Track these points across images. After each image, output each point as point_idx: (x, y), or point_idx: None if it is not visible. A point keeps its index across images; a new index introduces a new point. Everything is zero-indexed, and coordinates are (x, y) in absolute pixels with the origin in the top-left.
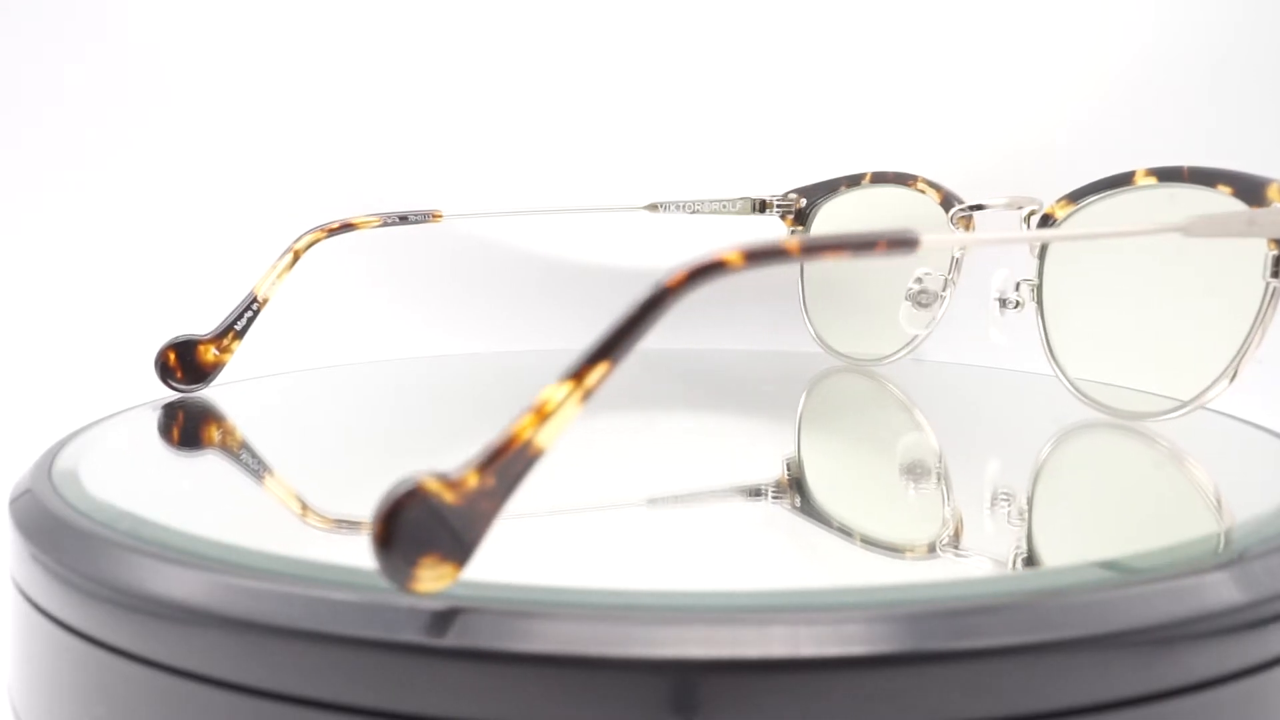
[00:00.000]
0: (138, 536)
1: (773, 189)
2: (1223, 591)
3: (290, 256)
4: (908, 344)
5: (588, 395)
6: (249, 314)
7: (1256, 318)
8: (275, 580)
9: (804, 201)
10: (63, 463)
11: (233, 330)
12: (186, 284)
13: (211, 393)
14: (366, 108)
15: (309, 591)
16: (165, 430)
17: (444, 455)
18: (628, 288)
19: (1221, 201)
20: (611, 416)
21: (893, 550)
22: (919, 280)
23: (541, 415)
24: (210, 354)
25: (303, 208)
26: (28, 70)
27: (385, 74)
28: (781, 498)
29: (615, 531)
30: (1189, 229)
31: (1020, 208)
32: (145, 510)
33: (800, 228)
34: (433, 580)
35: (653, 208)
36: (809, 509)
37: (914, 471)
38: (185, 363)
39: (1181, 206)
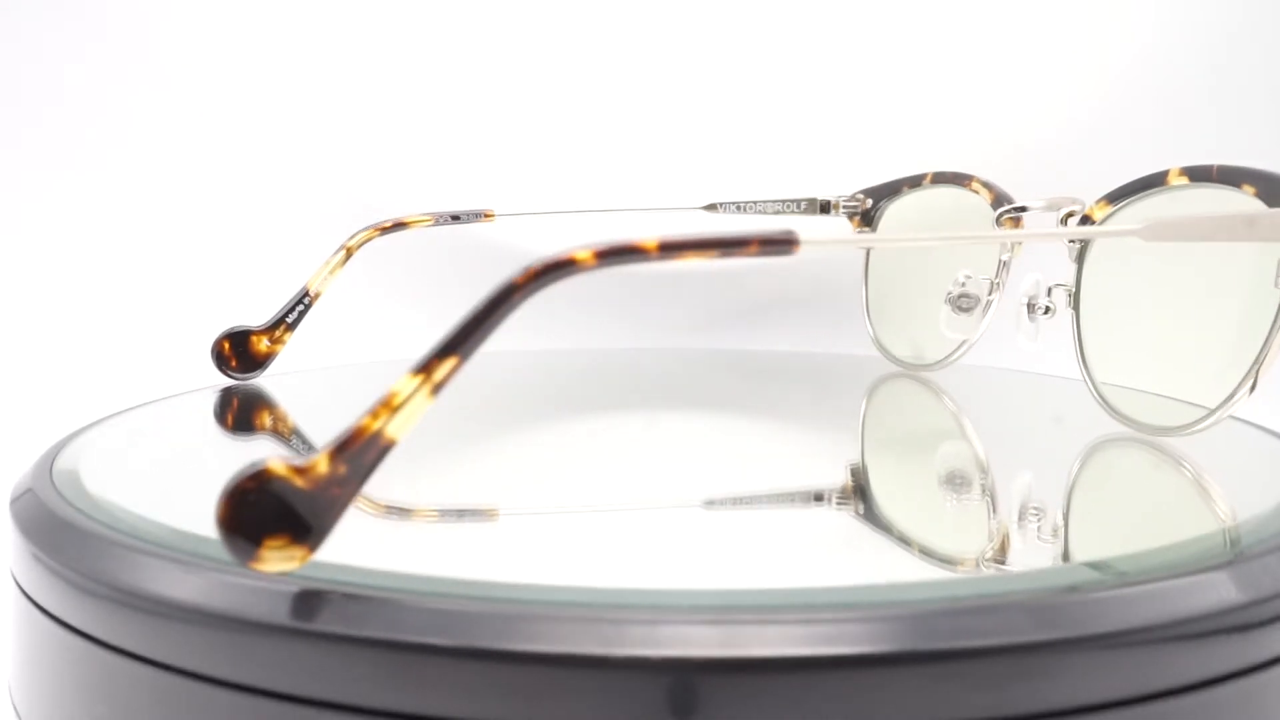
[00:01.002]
0: (138, 536)
1: (783, 190)
2: (1223, 591)
3: (343, 254)
4: (956, 349)
5: (437, 389)
6: (300, 307)
7: (1272, 327)
8: (275, 580)
9: (870, 202)
10: (63, 462)
11: (284, 323)
12: (186, 285)
13: (211, 393)
14: (416, 106)
15: (309, 592)
16: (167, 429)
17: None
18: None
19: (1245, 202)
20: (670, 417)
21: (946, 562)
22: (960, 284)
23: (391, 407)
24: (263, 344)
25: (317, 209)
26: (29, 66)
27: (437, 72)
28: (846, 503)
29: (670, 532)
30: (1145, 232)
31: (1059, 209)
32: (145, 510)
33: (867, 229)
34: (281, 561)
35: (711, 208)
36: (871, 516)
37: (955, 483)
38: (239, 352)
39: (1210, 207)
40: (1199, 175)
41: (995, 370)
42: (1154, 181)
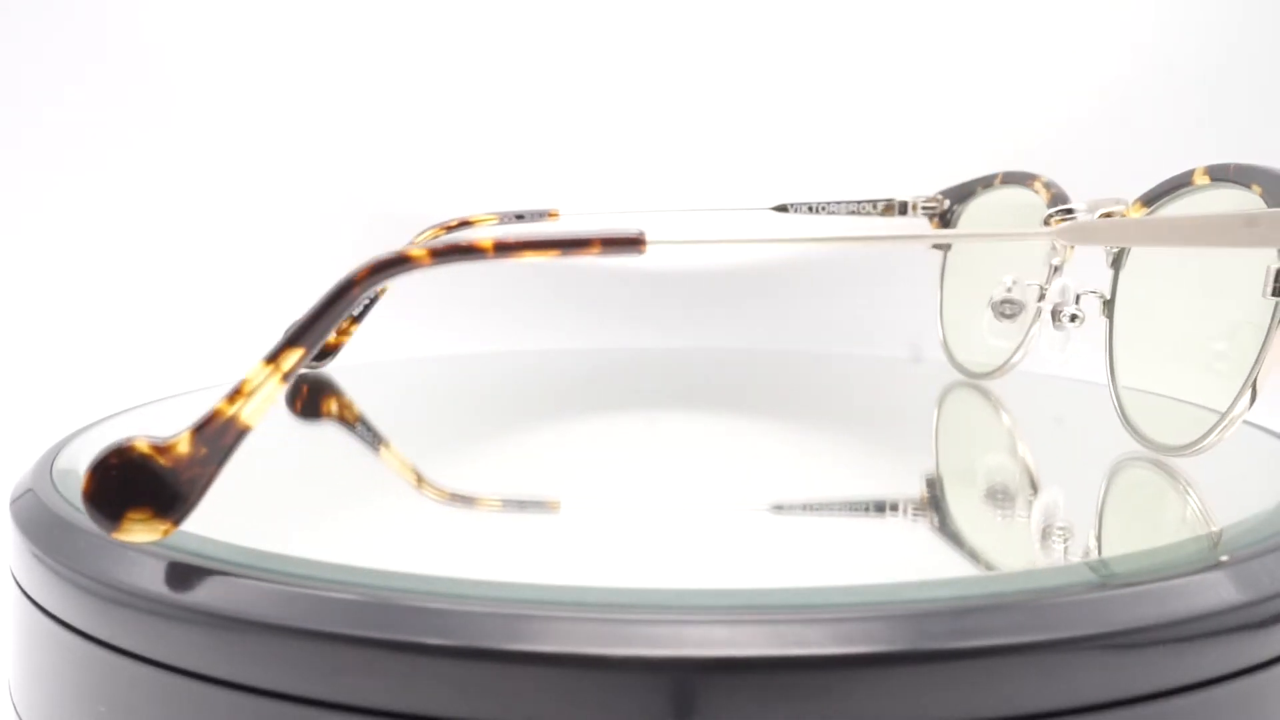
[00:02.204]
0: None
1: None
2: (1223, 591)
3: None
4: (1007, 359)
5: (286, 377)
6: (365, 301)
7: (1265, 338)
8: (275, 580)
9: (947, 203)
10: (63, 462)
11: (350, 316)
12: (187, 285)
13: (211, 392)
14: (478, 105)
15: (309, 591)
16: (167, 429)
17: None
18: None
19: (1253, 202)
20: (670, 417)
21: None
22: (1007, 289)
23: (244, 394)
24: (331, 335)
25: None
26: (30, 66)
27: (501, 71)
28: (921, 514)
29: (737, 536)
30: (1059, 234)
31: (1096, 210)
32: None
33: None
34: (143, 532)
35: (781, 209)
36: (946, 529)
37: (996, 497)
38: None
39: (1229, 207)
40: (1218, 175)
41: (1030, 376)
42: (1182, 181)
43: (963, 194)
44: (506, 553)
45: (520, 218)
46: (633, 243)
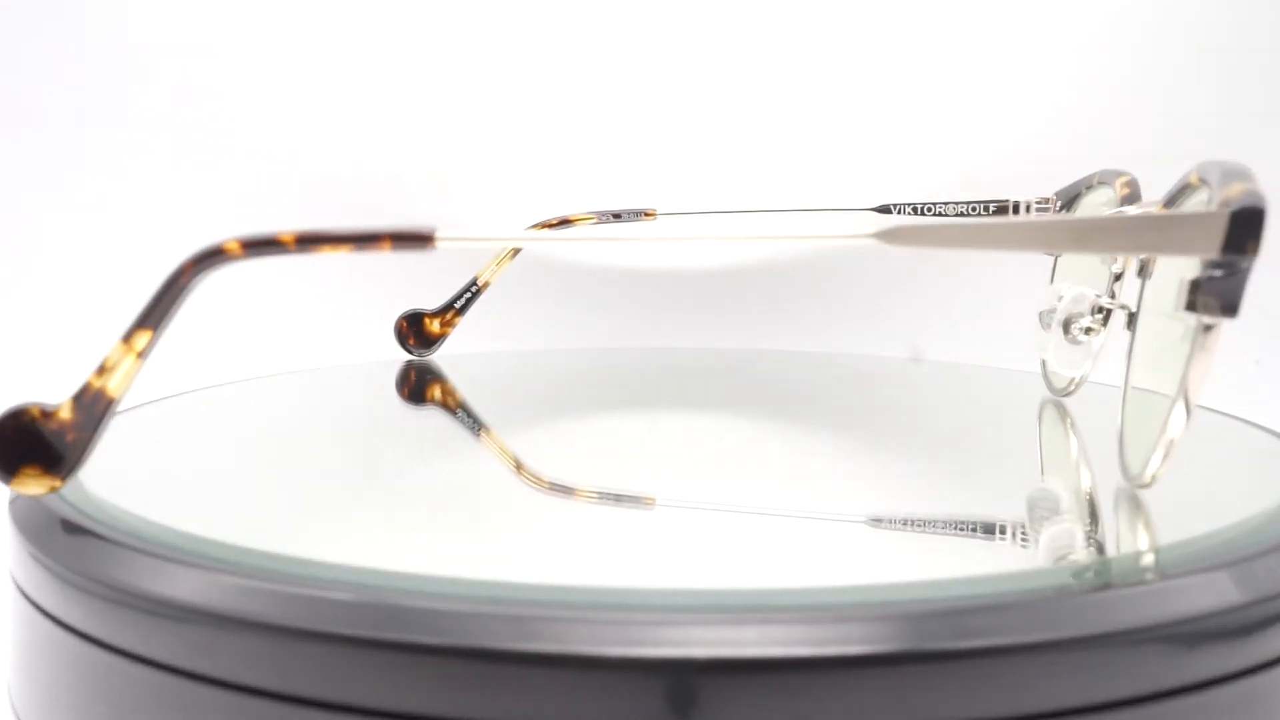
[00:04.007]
0: (138, 536)
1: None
2: (1223, 591)
3: (511, 251)
4: (1073, 379)
5: (141, 355)
6: (468, 295)
7: (1189, 356)
8: (275, 580)
9: (1059, 204)
10: None
11: (454, 308)
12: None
13: (213, 393)
14: (569, 104)
15: (309, 591)
16: (167, 429)
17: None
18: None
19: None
20: (670, 416)
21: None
22: (1059, 298)
23: (106, 370)
24: (435, 326)
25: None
26: (29, 65)
27: (602, 72)
28: (1026, 543)
29: (673, 534)
30: (886, 236)
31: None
32: (145, 510)
33: None
34: (35, 486)
35: (884, 209)
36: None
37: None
38: (415, 331)
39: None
40: (1103, 177)
41: (946, 365)
42: (1085, 184)
43: (1071, 195)
44: (507, 553)
45: (617, 217)
46: (423, 239)
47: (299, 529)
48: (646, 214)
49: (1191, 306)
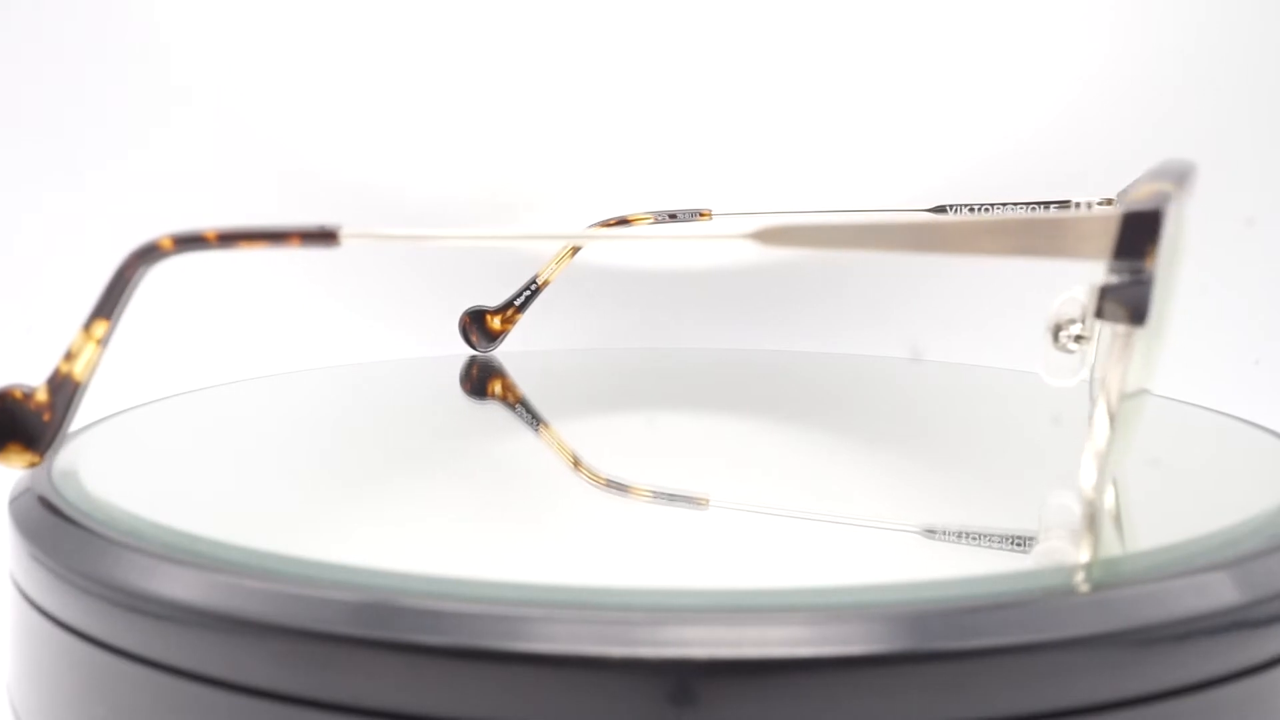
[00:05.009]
0: (138, 536)
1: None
2: (1223, 591)
3: (570, 249)
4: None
5: (100, 342)
6: (528, 293)
7: (1108, 364)
8: (275, 580)
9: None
10: (63, 462)
11: (513, 306)
12: (187, 284)
13: (212, 393)
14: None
15: (309, 591)
16: (167, 429)
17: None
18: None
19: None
20: (670, 416)
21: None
22: (1064, 303)
23: (71, 356)
24: (496, 323)
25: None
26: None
27: (654, 72)
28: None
29: (737, 536)
30: (762, 236)
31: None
32: (145, 510)
33: None
34: (17, 461)
35: (940, 210)
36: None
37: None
38: (477, 328)
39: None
40: None
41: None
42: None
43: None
44: (507, 552)
45: (673, 217)
46: (325, 236)
47: (299, 529)
48: (701, 214)
49: (1100, 314)
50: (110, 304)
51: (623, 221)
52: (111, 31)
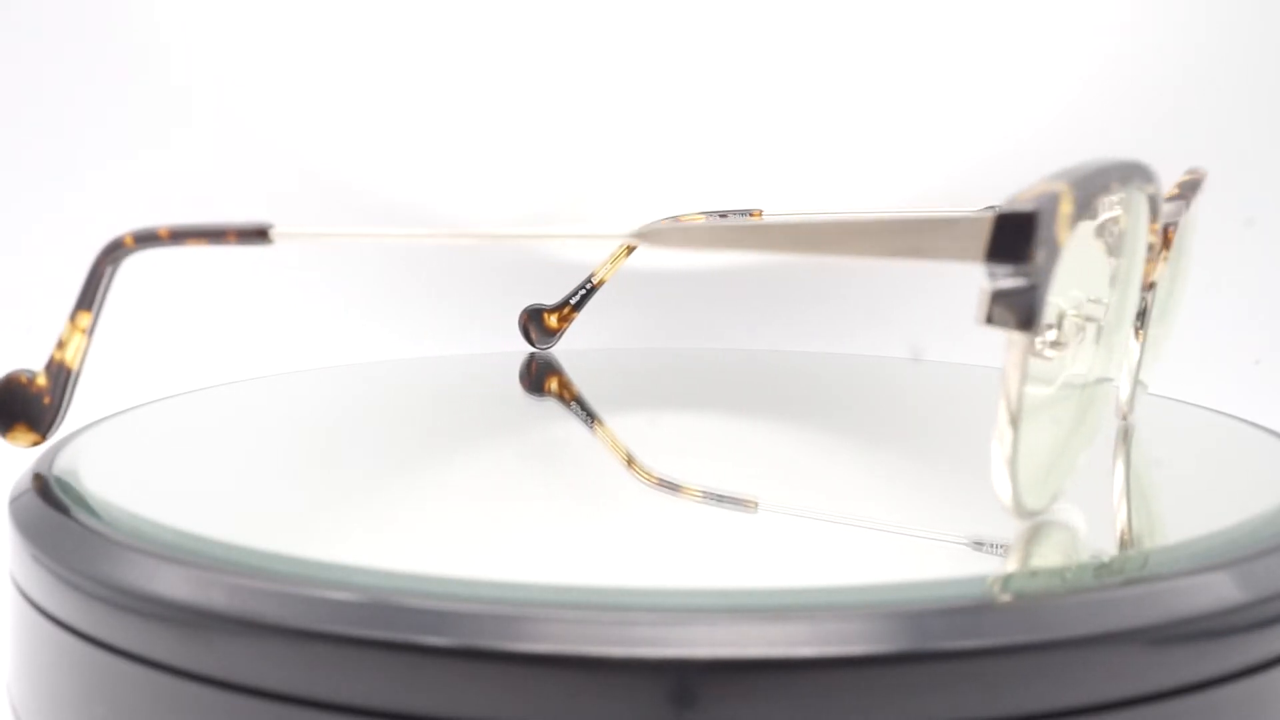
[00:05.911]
0: (138, 536)
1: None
2: (1223, 591)
3: (625, 248)
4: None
5: (86, 332)
6: (583, 291)
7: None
8: (275, 580)
9: None
10: (62, 463)
11: (569, 305)
12: (187, 285)
13: (212, 393)
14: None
15: (309, 591)
16: (167, 429)
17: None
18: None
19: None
20: (738, 421)
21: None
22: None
23: (63, 345)
24: (553, 320)
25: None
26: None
27: (654, 72)
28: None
29: (738, 536)
30: (643, 236)
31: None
32: (145, 510)
33: None
34: (24, 440)
35: (989, 210)
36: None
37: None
38: (536, 326)
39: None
40: None
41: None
42: None
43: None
44: (507, 552)
45: (724, 217)
46: (259, 234)
47: (299, 529)
48: (753, 214)
49: (990, 319)
50: (89, 297)
51: (673, 219)
52: (112, 32)
